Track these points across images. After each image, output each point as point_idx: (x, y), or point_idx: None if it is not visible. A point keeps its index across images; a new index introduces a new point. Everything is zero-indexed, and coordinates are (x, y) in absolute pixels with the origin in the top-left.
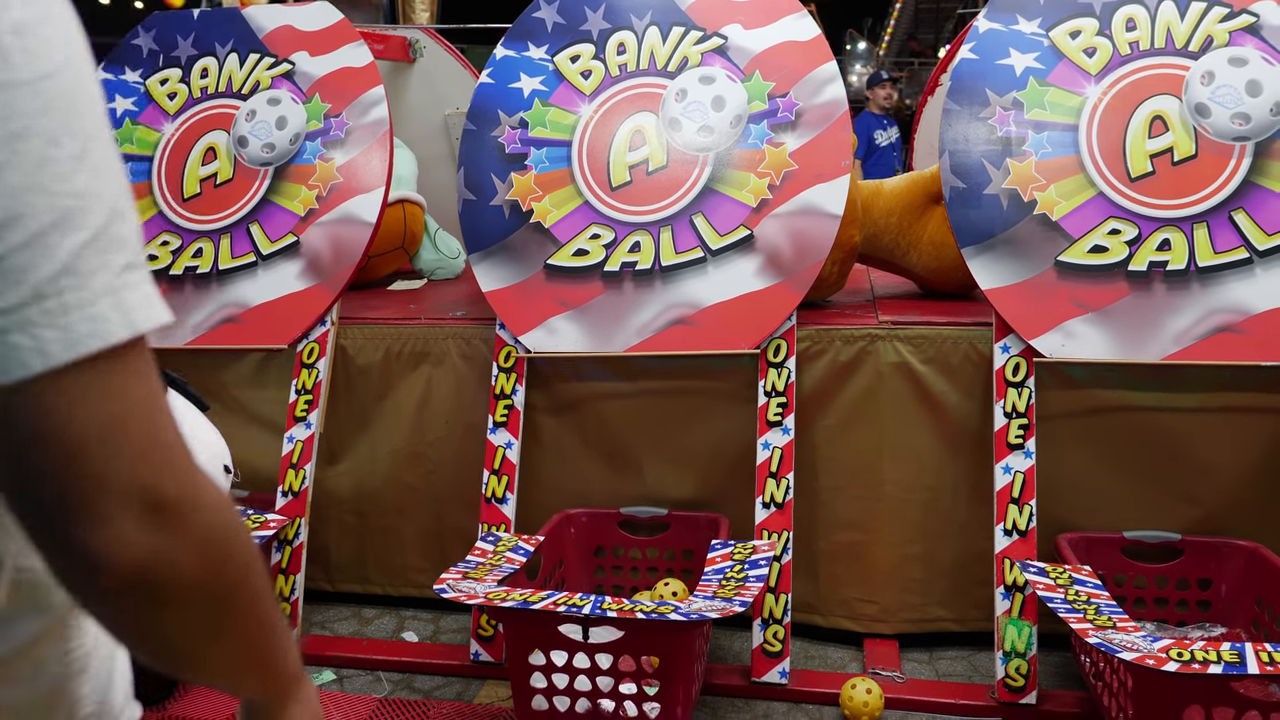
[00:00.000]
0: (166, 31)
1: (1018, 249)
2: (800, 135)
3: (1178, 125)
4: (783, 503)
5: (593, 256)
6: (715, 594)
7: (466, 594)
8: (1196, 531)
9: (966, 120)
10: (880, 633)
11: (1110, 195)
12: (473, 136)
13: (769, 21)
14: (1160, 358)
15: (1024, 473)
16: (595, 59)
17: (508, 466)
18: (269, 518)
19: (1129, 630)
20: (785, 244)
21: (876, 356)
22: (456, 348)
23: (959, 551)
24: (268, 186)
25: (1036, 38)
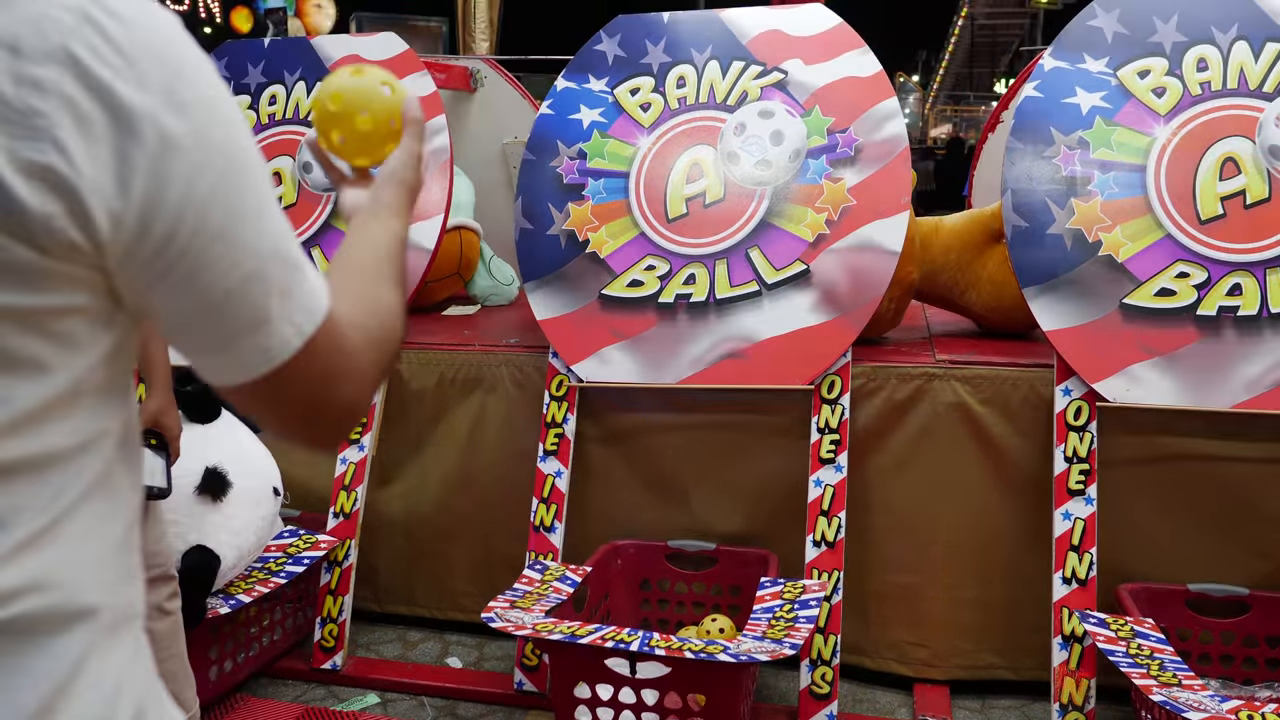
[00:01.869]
0: (237, 60)
1: (1081, 290)
2: (859, 171)
3: (1250, 167)
4: (834, 541)
5: (647, 288)
6: (765, 634)
7: (514, 624)
8: (1265, 586)
9: (1030, 159)
10: (931, 678)
11: (1179, 237)
12: (531, 166)
13: (830, 57)
14: (1230, 405)
15: (1084, 520)
16: (655, 92)
17: (557, 495)
18: (320, 538)
19: (1195, 689)
20: (842, 279)
21: (933, 395)
22: (509, 375)
23: (1014, 598)
24: (329, 212)
25: (1104, 77)
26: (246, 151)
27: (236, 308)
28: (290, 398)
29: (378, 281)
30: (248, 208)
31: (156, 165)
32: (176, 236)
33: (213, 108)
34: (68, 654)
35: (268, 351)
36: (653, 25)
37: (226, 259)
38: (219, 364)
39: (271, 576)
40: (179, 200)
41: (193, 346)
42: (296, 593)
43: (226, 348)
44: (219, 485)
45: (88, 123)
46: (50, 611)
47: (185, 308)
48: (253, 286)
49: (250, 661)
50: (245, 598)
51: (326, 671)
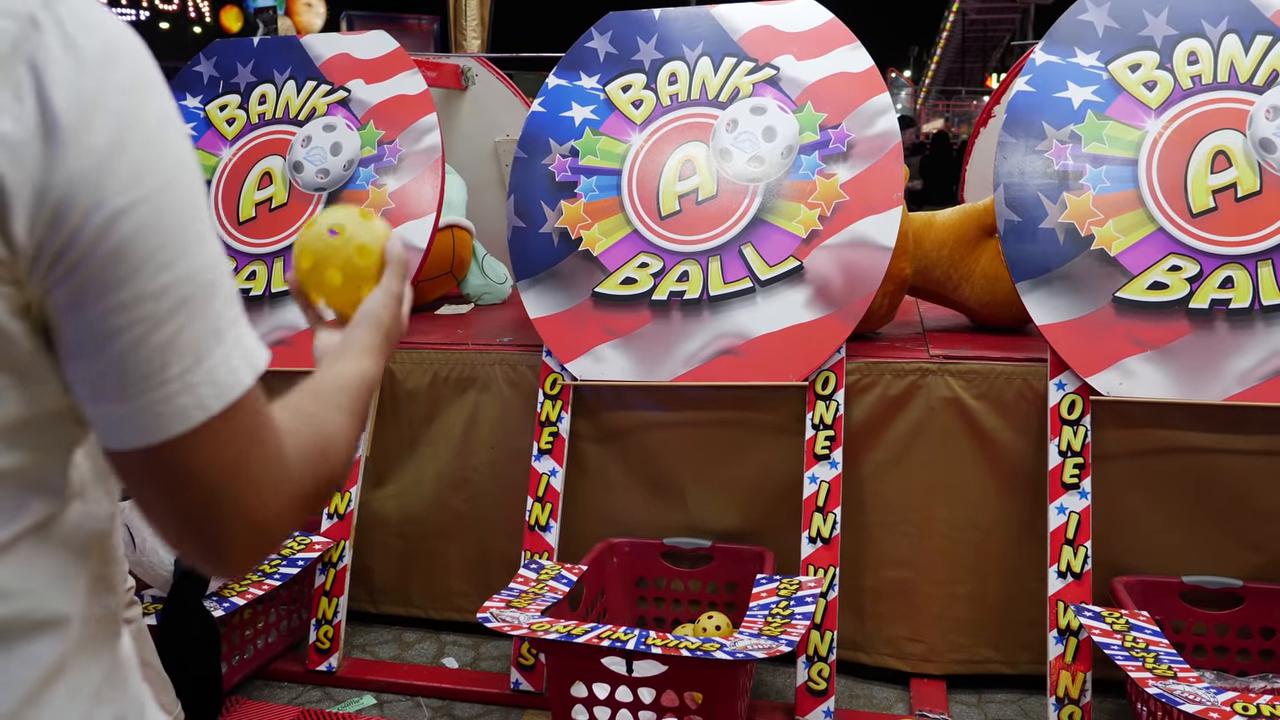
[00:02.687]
0: (227, 59)
1: (1074, 284)
2: (852, 166)
3: (1241, 160)
4: (829, 538)
5: (641, 285)
6: (761, 631)
7: (510, 624)
8: (1258, 578)
9: (1022, 153)
10: (927, 673)
11: (1171, 231)
12: (523, 164)
13: (821, 53)
14: (1223, 398)
15: (1079, 513)
16: (647, 89)
17: (552, 494)
18: (314, 539)
19: (1190, 681)
20: (835, 275)
21: (927, 391)
22: (503, 374)
23: (1009, 592)
24: (320, 212)
25: (1095, 71)
26: (182, 181)
27: (134, 349)
28: (181, 486)
29: (334, 408)
30: (171, 239)
31: (72, 170)
32: (75, 243)
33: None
34: (39, 661)
35: (160, 418)
36: (644, 22)
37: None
38: (109, 417)
39: (266, 579)
40: (87, 207)
41: (85, 391)
42: (291, 594)
43: (118, 398)
44: None
45: (19, 125)
46: (18, 619)
47: (79, 335)
48: (155, 331)
49: (245, 664)
50: (239, 600)
51: (322, 673)
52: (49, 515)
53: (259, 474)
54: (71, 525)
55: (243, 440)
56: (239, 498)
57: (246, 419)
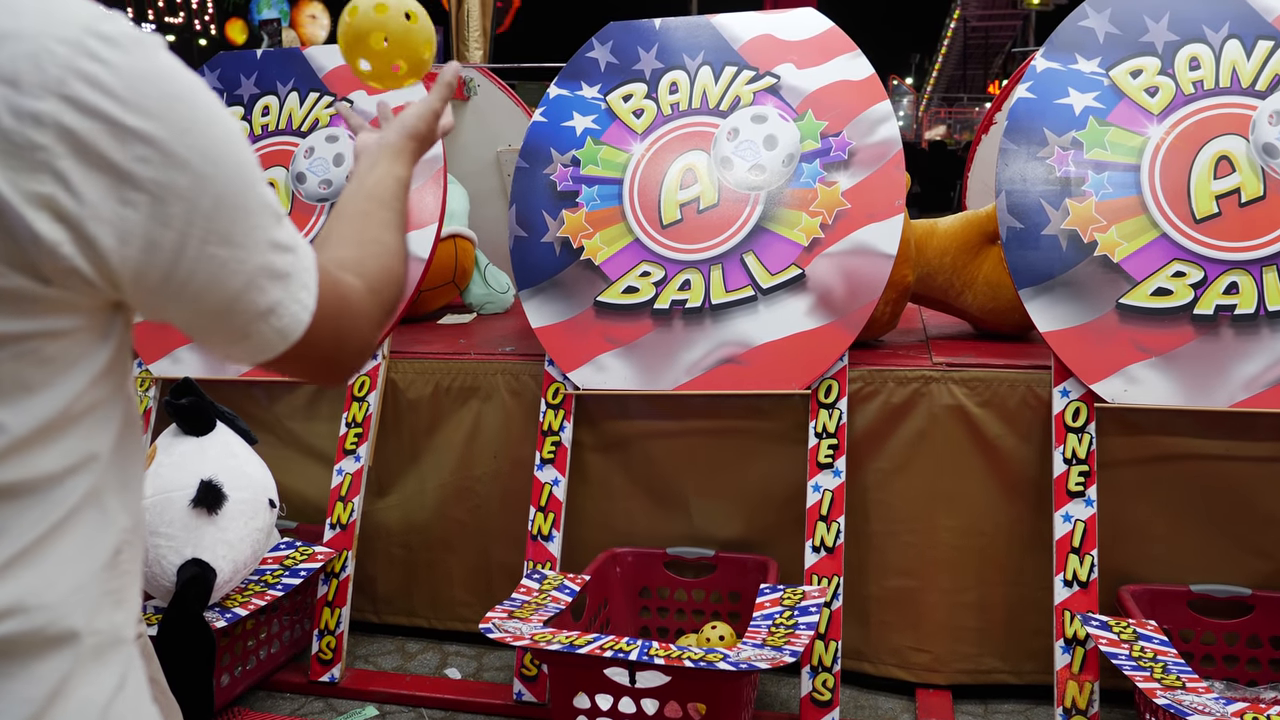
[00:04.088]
0: (230, 70)
1: (1077, 291)
2: (853, 174)
3: (1245, 166)
4: (833, 547)
5: (642, 294)
6: (765, 641)
7: (512, 634)
8: (1268, 586)
9: (1024, 160)
10: (933, 683)
11: (1174, 237)
12: (525, 174)
13: (822, 61)
14: (1229, 404)
15: (1085, 521)
16: (647, 98)
17: (554, 504)
18: (316, 550)
19: (1199, 691)
20: (837, 283)
21: (930, 399)
22: (505, 383)
23: (1015, 601)
24: (324, 222)
25: (1096, 77)
26: (240, 153)
27: (247, 303)
28: (311, 357)
29: (379, 226)
30: (249, 208)
31: (159, 186)
32: (184, 252)
33: (206, 122)
34: (48, 678)
35: (283, 332)
36: (645, 31)
37: (232, 262)
38: (242, 350)
39: (268, 589)
40: (184, 217)
41: (213, 342)
42: (293, 605)
43: (245, 337)
44: (214, 498)
45: (87, 152)
46: (31, 634)
47: (200, 313)
48: (259, 280)
49: (247, 675)
50: (242, 611)
51: (324, 684)
52: (69, 526)
53: (351, 322)
54: (89, 536)
55: (335, 309)
56: (346, 344)
57: (330, 292)
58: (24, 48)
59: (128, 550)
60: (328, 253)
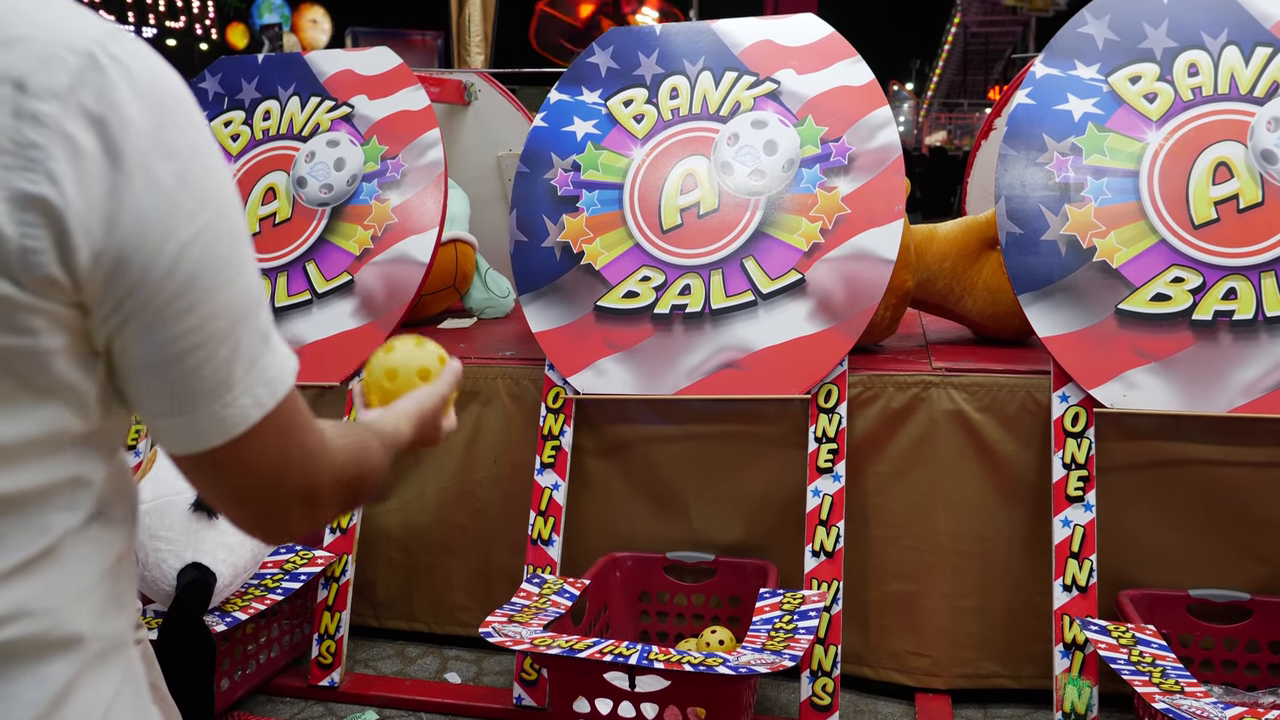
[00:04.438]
0: (232, 75)
1: (1076, 296)
2: (853, 180)
3: (1243, 172)
4: (833, 551)
5: (643, 299)
6: (764, 646)
7: (512, 639)
8: (1266, 591)
9: (1023, 165)
10: (932, 687)
11: (1173, 242)
12: (525, 179)
13: (822, 66)
14: (1227, 410)
15: (1084, 526)
16: (648, 103)
17: (554, 508)
18: (316, 554)
19: (1197, 695)
20: (837, 288)
21: (930, 404)
22: (505, 387)
23: (1015, 606)
24: (325, 226)
25: (1095, 83)
26: (229, 208)
27: (200, 365)
28: (241, 476)
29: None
30: (228, 263)
31: (143, 205)
32: (148, 277)
33: (202, 158)
34: (52, 682)
35: (224, 423)
36: (645, 37)
37: (199, 310)
38: (175, 428)
39: (268, 593)
40: (159, 241)
41: (152, 406)
42: (293, 609)
43: (185, 410)
44: None
45: (82, 158)
46: (35, 639)
47: (150, 357)
48: (219, 346)
49: (247, 679)
50: (242, 615)
51: (324, 688)
52: (72, 533)
53: (307, 456)
54: (92, 544)
55: (292, 428)
56: (284, 486)
57: (292, 411)
58: (35, 52)
59: (129, 555)
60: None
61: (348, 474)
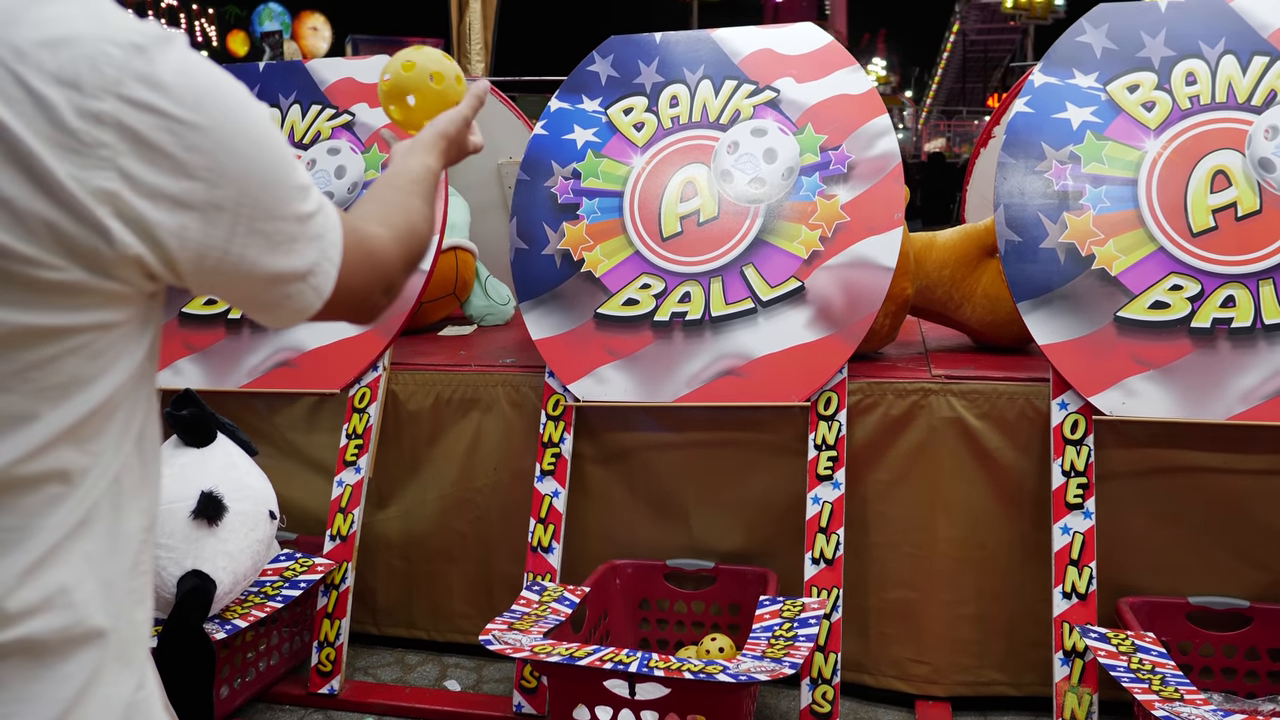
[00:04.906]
0: None
1: (1076, 304)
2: (852, 188)
3: (1241, 180)
4: (833, 559)
5: (643, 306)
6: (764, 653)
7: (512, 646)
8: (1266, 598)
9: (1022, 173)
10: (933, 695)
11: (1171, 250)
12: (526, 186)
13: (822, 75)
14: (1226, 417)
15: (1083, 534)
16: (648, 111)
17: (554, 515)
18: (316, 561)
19: (1197, 703)
20: (837, 296)
21: (930, 411)
22: (506, 395)
23: (1014, 613)
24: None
25: (1093, 92)
26: (274, 134)
27: (290, 268)
28: (343, 304)
29: (408, 194)
30: (288, 184)
31: (211, 172)
32: (236, 231)
33: (244, 108)
34: (76, 676)
35: (319, 289)
36: (645, 45)
37: (276, 235)
38: (280, 314)
39: (268, 600)
40: (235, 199)
41: (257, 308)
42: (293, 616)
43: (286, 300)
44: (214, 509)
45: (146, 146)
46: (61, 632)
47: (249, 285)
48: (298, 246)
49: (247, 687)
50: (242, 622)
51: (324, 696)
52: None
53: (377, 265)
54: (113, 535)
55: (358, 256)
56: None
57: (351, 245)
58: (83, 51)
59: (147, 551)
60: (357, 210)
61: (407, 249)
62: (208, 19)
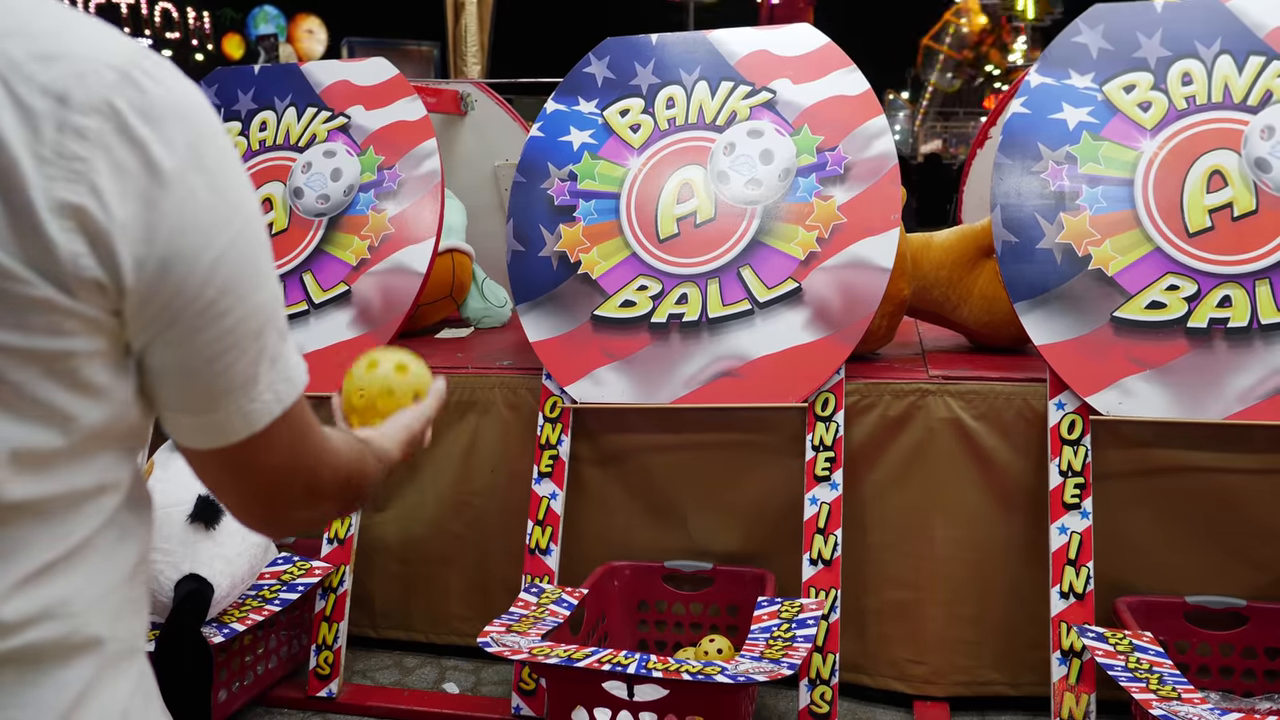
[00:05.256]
0: (228, 86)
1: (1072, 304)
2: (849, 189)
3: (1237, 180)
4: (830, 560)
5: (640, 308)
6: (762, 654)
7: (510, 649)
8: (1262, 597)
9: (1018, 174)
10: (931, 695)
11: (1168, 250)
12: (522, 189)
13: (818, 76)
14: (1223, 417)
15: (1080, 533)
16: (644, 113)
17: (552, 517)
18: (314, 564)
19: (1194, 702)
20: (834, 297)
21: (927, 411)
22: (503, 397)
23: (1012, 613)
24: (321, 237)
25: (1090, 92)
26: (256, 216)
27: (230, 365)
28: (260, 471)
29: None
30: (258, 268)
31: (181, 216)
32: (188, 284)
33: (230, 171)
34: (73, 685)
35: (249, 416)
36: (641, 47)
37: (234, 313)
38: (200, 425)
39: (265, 604)
40: (197, 250)
41: (179, 404)
42: (291, 620)
43: (211, 408)
44: (211, 513)
45: (123, 171)
46: (58, 641)
47: (184, 360)
48: (250, 346)
49: (245, 691)
50: (239, 626)
51: (322, 699)
52: (97, 535)
53: (314, 452)
54: (114, 546)
55: (304, 425)
56: (299, 472)
57: (304, 408)
58: (75, 68)
59: (145, 562)
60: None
61: (347, 474)
62: (203, 22)
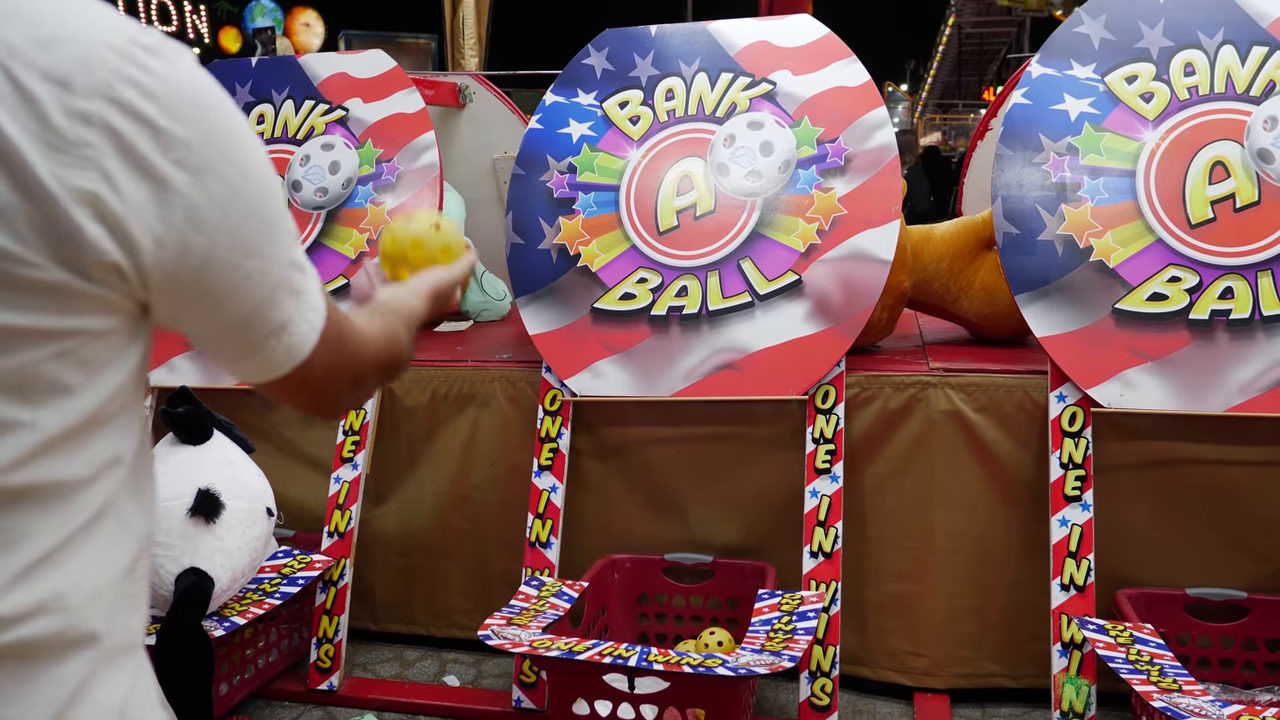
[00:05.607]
0: (225, 79)
1: (1073, 296)
2: (850, 180)
3: (1239, 171)
4: (831, 552)
5: (639, 300)
6: (763, 647)
7: (511, 641)
8: (1263, 589)
9: (1020, 165)
10: (931, 687)
11: (1169, 242)
12: (521, 181)
13: (818, 67)
14: (1224, 409)
15: (1081, 526)
16: (644, 105)
17: (552, 510)
18: (314, 558)
19: (1195, 694)
20: (834, 289)
21: (927, 404)
22: (503, 390)
23: (1013, 605)
24: (320, 230)
25: (1091, 83)
26: (266, 170)
27: (265, 316)
28: (310, 382)
29: (393, 315)
30: (273, 222)
31: (196, 191)
32: (213, 258)
33: (238, 137)
34: (69, 680)
35: (292, 350)
36: (640, 38)
37: (258, 272)
38: (249, 367)
39: (266, 598)
40: (217, 222)
41: (223, 356)
42: (292, 613)
43: (256, 352)
44: (211, 507)
45: (132, 153)
46: (55, 636)
47: (218, 323)
48: (278, 294)
49: (246, 684)
50: (240, 620)
51: (323, 692)
52: (93, 527)
53: (353, 350)
54: (111, 542)
55: (339, 332)
56: (344, 370)
57: (335, 317)
58: (75, 51)
59: (144, 557)
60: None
61: (383, 355)
62: (199, 15)
